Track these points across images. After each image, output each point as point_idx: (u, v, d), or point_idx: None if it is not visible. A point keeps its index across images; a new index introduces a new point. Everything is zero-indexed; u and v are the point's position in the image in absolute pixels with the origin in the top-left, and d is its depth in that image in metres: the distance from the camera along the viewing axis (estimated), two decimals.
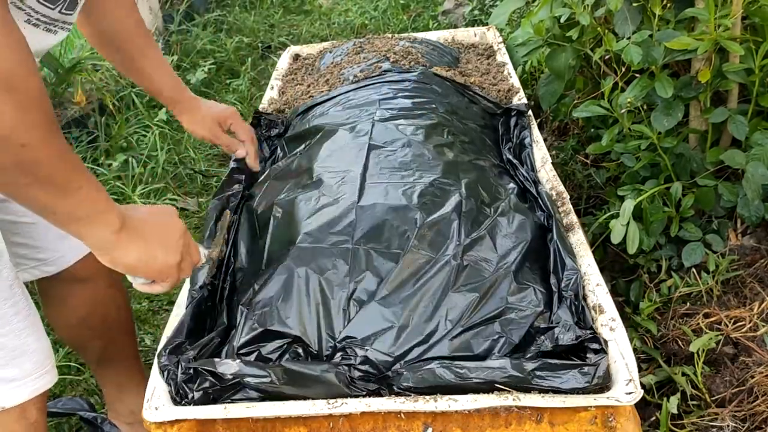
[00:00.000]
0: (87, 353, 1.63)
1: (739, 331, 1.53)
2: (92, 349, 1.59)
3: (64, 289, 1.47)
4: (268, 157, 1.82)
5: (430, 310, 1.14)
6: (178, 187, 2.94)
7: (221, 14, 4.61)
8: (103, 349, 1.58)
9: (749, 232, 1.76)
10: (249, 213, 1.45)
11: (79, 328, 1.53)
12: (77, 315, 1.50)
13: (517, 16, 3.02)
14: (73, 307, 1.49)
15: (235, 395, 1.09)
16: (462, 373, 1.03)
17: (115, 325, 1.57)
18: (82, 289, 1.47)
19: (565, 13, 1.90)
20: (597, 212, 2.01)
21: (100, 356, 1.61)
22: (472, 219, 1.28)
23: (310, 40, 4.32)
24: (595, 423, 1.02)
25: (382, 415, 1.05)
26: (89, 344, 1.58)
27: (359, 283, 1.18)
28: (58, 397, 1.97)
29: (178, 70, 3.84)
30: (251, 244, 1.38)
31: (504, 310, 1.15)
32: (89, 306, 1.50)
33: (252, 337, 1.16)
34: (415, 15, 4.45)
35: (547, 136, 2.62)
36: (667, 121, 1.67)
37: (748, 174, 1.58)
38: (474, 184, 1.38)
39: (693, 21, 1.69)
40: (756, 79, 1.61)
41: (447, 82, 1.91)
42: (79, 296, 1.48)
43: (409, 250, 1.21)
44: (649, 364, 1.62)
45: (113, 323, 1.56)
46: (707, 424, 1.42)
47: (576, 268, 1.21)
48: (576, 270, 1.20)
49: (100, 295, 1.50)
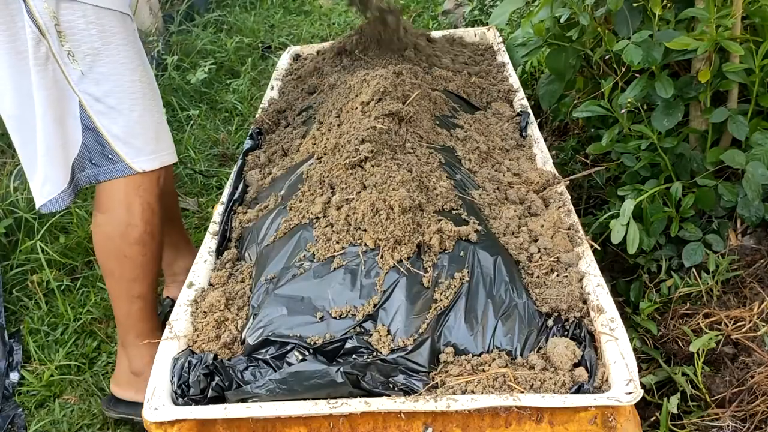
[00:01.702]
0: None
1: (739, 331, 1.53)
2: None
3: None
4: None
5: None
6: (178, 187, 2.94)
7: (221, 14, 4.61)
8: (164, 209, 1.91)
9: (749, 232, 1.76)
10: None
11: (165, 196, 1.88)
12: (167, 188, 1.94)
13: (517, 16, 3.03)
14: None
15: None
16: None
17: (168, 203, 1.98)
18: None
19: (565, 13, 1.90)
20: (597, 212, 2.01)
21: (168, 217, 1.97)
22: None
23: (310, 40, 4.32)
24: (595, 423, 1.02)
25: (382, 415, 1.05)
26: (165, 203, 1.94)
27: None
28: (58, 396, 1.97)
29: (178, 70, 3.84)
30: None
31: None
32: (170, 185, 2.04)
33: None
34: (415, 15, 4.45)
35: (547, 136, 2.62)
36: (667, 121, 1.67)
37: (748, 174, 1.58)
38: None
39: (693, 21, 1.69)
40: (756, 79, 1.61)
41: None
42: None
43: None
44: (649, 364, 1.62)
45: (170, 188, 2.04)
46: (707, 424, 1.42)
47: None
48: None
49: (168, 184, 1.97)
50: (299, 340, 1.16)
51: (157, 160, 1.66)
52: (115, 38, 1.52)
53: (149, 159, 1.64)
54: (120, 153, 1.60)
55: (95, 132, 1.57)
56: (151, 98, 1.64)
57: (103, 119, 1.56)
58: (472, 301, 1.19)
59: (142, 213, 1.66)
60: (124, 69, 1.55)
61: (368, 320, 1.17)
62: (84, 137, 1.57)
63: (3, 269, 2.37)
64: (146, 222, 1.67)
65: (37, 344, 2.13)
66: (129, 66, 1.56)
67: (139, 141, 1.61)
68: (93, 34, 1.49)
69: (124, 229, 1.65)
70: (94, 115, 1.55)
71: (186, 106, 3.52)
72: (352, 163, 1.42)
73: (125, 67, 1.55)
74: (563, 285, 1.25)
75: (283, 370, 1.12)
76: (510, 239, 1.34)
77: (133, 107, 1.58)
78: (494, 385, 1.07)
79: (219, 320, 1.25)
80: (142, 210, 1.65)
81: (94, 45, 1.49)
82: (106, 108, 1.55)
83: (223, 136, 3.27)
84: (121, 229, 1.65)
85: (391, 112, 1.57)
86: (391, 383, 1.10)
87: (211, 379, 1.13)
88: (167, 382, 1.15)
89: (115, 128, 1.58)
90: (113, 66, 1.53)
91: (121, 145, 1.59)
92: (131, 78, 1.57)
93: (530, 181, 1.57)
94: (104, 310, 2.22)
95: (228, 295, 1.31)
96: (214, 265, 1.47)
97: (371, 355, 1.13)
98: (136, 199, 1.65)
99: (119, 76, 1.55)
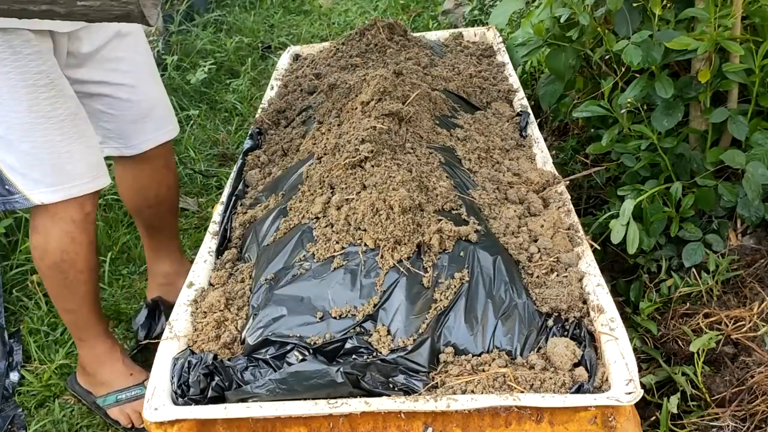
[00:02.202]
0: (140, 219, 2.01)
1: (739, 331, 1.53)
2: (144, 215, 1.98)
3: (133, 167, 1.87)
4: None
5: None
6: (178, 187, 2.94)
7: (221, 14, 4.60)
8: (151, 217, 1.97)
9: (749, 232, 1.76)
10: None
11: (137, 197, 1.93)
12: (138, 185, 1.91)
13: (517, 16, 3.03)
14: (136, 179, 1.90)
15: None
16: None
17: (164, 201, 1.96)
18: (144, 168, 1.87)
19: (565, 13, 1.90)
20: (597, 212, 2.01)
21: (148, 223, 2.00)
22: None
23: (310, 40, 4.31)
24: (595, 423, 1.02)
25: (382, 415, 1.05)
26: (143, 211, 1.97)
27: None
28: (58, 396, 1.97)
29: (178, 70, 3.84)
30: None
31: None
32: (147, 180, 1.90)
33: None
34: (415, 15, 4.45)
35: (547, 136, 2.62)
36: (667, 121, 1.67)
37: (748, 174, 1.58)
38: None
39: (693, 21, 1.69)
40: (756, 79, 1.60)
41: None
42: (141, 172, 1.88)
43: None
44: (649, 364, 1.62)
45: (163, 198, 1.95)
46: (707, 423, 1.42)
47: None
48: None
49: (157, 174, 1.90)
50: (299, 340, 1.16)
51: (61, 192, 1.52)
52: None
53: (50, 191, 1.51)
54: (16, 184, 1.49)
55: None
56: (52, 127, 1.47)
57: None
58: (472, 301, 1.19)
59: (59, 241, 1.58)
60: (6, 98, 1.41)
61: (368, 320, 1.17)
62: None
63: (3, 269, 2.37)
64: (62, 250, 1.59)
65: (37, 344, 2.13)
66: (13, 95, 1.41)
67: (36, 173, 1.49)
68: None
69: (41, 254, 1.61)
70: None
71: (186, 106, 3.52)
72: (352, 163, 1.42)
73: (9, 95, 1.41)
74: (563, 285, 1.25)
75: (283, 370, 1.12)
76: (510, 239, 1.34)
77: (23, 138, 1.45)
78: (494, 385, 1.07)
79: (219, 320, 1.25)
80: (58, 238, 1.58)
81: None
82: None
83: (223, 136, 3.27)
84: (38, 253, 1.61)
85: (391, 112, 1.57)
86: (391, 383, 1.10)
87: (211, 379, 1.13)
88: (167, 382, 1.15)
89: (8, 158, 1.47)
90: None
91: (18, 176, 1.49)
92: (16, 108, 1.42)
93: (530, 181, 1.57)
94: (104, 309, 2.22)
95: (228, 295, 1.31)
96: (214, 265, 1.47)
97: (371, 355, 1.13)
98: (53, 228, 1.56)
99: (1, 106, 1.42)
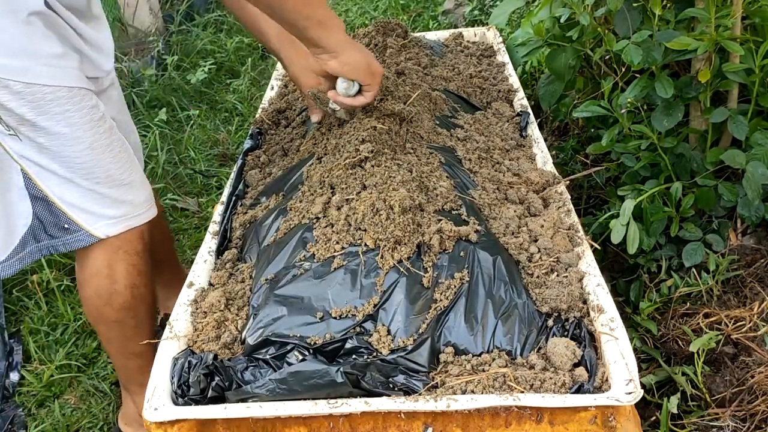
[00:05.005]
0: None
1: (739, 331, 1.53)
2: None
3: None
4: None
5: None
6: (178, 187, 2.95)
7: (221, 14, 4.60)
8: (157, 251, 1.86)
9: (749, 232, 1.76)
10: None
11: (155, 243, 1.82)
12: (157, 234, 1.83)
13: (517, 16, 3.03)
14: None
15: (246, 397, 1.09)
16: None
17: (158, 242, 1.89)
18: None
19: (565, 13, 1.90)
20: (597, 212, 2.01)
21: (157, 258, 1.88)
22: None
23: None
24: (595, 423, 1.02)
25: (382, 415, 1.05)
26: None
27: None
28: (58, 396, 1.97)
29: (178, 70, 3.84)
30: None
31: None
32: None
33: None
34: (415, 15, 4.45)
35: (547, 136, 2.62)
36: (667, 121, 1.67)
37: (748, 174, 1.58)
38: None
39: (693, 21, 1.69)
40: (756, 79, 1.61)
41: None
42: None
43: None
44: (649, 364, 1.62)
45: (157, 240, 1.87)
46: (707, 423, 1.42)
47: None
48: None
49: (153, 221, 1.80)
50: (299, 340, 1.16)
51: (122, 224, 1.53)
52: (51, 107, 1.37)
53: (111, 223, 1.51)
54: (77, 221, 1.48)
55: (46, 201, 1.46)
56: (113, 161, 1.49)
57: (53, 187, 1.45)
58: (472, 301, 1.19)
59: (127, 277, 1.55)
60: (65, 139, 1.41)
61: (368, 320, 1.17)
62: (34, 207, 1.46)
63: None
64: (132, 287, 1.56)
65: (37, 344, 2.13)
66: (71, 135, 1.41)
67: (97, 207, 1.49)
68: (23, 104, 1.35)
69: (109, 298, 1.55)
70: (42, 183, 1.44)
71: (186, 106, 3.53)
72: (352, 163, 1.42)
73: (67, 137, 1.41)
74: (563, 285, 1.25)
75: (283, 370, 1.12)
76: (510, 239, 1.34)
77: (85, 176, 1.46)
78: (494, 385, 1.07)
79: (219, 320, 1.25)
80: (126, 274, 1.55)
81: (26, 116, 1.36)
82: (54, 176, 1.44)
83: (223, 136, 3.28)
84: (106, 298, 1.55)
85: (392, 112, 1.57)
86: (391, 383, 1.10)
87: (211, 379, 1.13)
88: (167, 382, 1.15)
89: (68, 196, 1.46)
90: (52, 136, 1.40)
91: (78, 212, 1.48)
92: (77, 148, 1.43)
93: (530, 181, 1.57)
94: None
95: (228, 295, 1.31)
96: (214, 265, 1.47)
97: (371, 355, 1.13)
98: (119, 264, 1.54)
99: (61, 147, 1.42)
